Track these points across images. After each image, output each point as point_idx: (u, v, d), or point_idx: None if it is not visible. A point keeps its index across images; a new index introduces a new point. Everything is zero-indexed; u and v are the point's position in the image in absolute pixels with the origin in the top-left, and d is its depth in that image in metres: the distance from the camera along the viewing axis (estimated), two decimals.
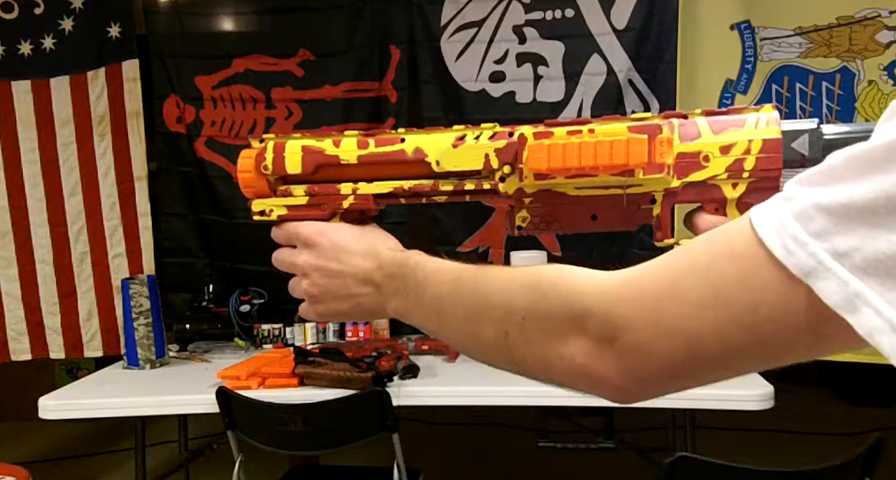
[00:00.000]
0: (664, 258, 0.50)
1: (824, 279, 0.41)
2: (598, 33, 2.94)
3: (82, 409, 2.44)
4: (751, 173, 0.63)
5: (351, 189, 0.73)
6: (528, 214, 0.70)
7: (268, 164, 0.73)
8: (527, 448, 2.88)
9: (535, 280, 0.57)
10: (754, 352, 0.47)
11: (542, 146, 0.63)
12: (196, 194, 3.27)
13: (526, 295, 0.56)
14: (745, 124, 0.63)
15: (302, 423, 2.18)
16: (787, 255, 0.42)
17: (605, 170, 0.62)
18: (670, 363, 0.48)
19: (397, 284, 0.67)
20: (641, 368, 0.50)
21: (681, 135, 0.64)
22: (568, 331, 0.53)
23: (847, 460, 1.75)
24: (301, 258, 0.72)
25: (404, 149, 0.71)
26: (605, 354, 0.50)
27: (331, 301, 0.71)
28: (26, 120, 3.15)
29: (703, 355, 0.48)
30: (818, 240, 0.41)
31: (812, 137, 0.63)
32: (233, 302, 3.00)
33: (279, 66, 3.16)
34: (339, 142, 0.73)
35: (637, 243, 2.98)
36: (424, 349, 2.71)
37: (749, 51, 2.76)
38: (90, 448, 4.00)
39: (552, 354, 0.54)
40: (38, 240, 3.18)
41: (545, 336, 0.54)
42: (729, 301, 0.45)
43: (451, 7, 3.05)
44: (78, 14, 3.16)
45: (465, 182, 0.71)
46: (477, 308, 0.60)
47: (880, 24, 2.62)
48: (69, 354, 3.25)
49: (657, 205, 0.67)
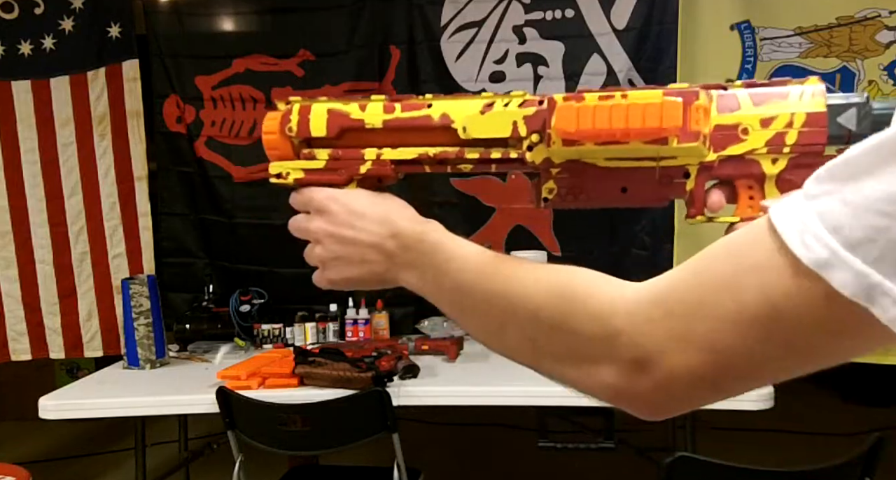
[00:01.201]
0: (689, 270, 0.50)
1: (839, 270, 0.41)
2: (598, 33, 2.94)
3: (82, 409, 2.44)
4: (792, 148, 0.60)
5: (375, 154, 0.71)
6: (555, 185, 0.67)
7: (293, 126, 0.72)
8: (527, 448, 2.88)
9: (564, 289, 0.56)
10: (784, 362, 0.47)
11: (572, 107, 0.60)
12: (196, 194, 3.27)
13: (555, 307, 0.55)
14: (789, 96, 0.60)
15: (302, 423, 2.18)
16: (804, 251, 0.42)
17: (637, 136, 0.59)
18: (702, 379, 0.49)
19: (412, 258, 0.66)
20: (674, 387, 0.49)
21: (719, 107, 0.61)
22: (599, 353, 0.52)
23: (847, 460, 1.75)
24: (314, 224, 0.70)
25: (430, 115, 0.69)
26: (636, 376, 0.50)
27: (343, 267, 0.69)
28: (26, 120, 3.15)
29: (735, 369, 0.48)
30: (834, 233, 0.41)
31: (861, 112, 0.60)
32: (233, 302, 3.00)
33: (279, 66, 3.16)
34: (364, 106, 0.71)
35: (638, 243, 2.98)
36: (424, 349, 2.71)
37: (749, 51, 2.76)
38: (90, 448, 4.00)
39: (582, 372, 0.54)
40: (38, 240, 3.18)
41: (574, 353, 0.54)
42: (755, 314, 0.45)
43: (451, 7, 3.05)
44: (78, 14, 3.15)
45: (492, 150, 0.68)
46: (501, 309, 0.59)
47: (880, 24, 2.62)
48: (69, 354, 3.25)
49: (691, 180, 0.64)
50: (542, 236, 3.04)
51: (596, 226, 3.00)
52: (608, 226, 3.00)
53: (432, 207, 3.01)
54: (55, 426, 2.63)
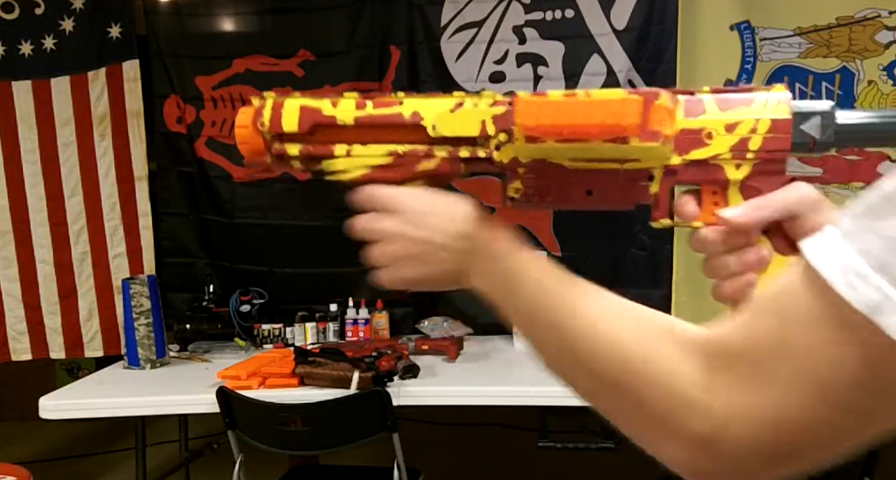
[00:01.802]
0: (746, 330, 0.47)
1: (892, 313, 0.38)
2: (598, 33, 2.94)
3: (82, 409, 2.44)
4: (756, 154, 0.61)
5: (345, 150, 0.71)
6: (521, 185, 0.68)
7: (265, 121, 0.72)
8: (527, 448, 2.87)
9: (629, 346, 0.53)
10: (853, 426, 0.44)
11: (534, 102, 0.61)
12: (196, 194, 3.27)
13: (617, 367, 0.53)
14: (754, 103, 0.61)
15: (302, 423, 2.18)
16: (850, 292, 0.39)
17: (597, 134, 0.59)
18: (770, 452, 0.46)
19: (483, 264, 0.65)
20: (744, 463, 0.47)
21: (686, 111, 0.62)
22: (666, 424, 0.49)
23: (847, 460, 1.75)
24: (384, 223, 0.68)
25: (401, 113, 0.69)
26: (708, 453, 0.48)
27: (414, 266, 0.67)
28: (27, 120, 3.15)
29: (802, 438, 0.45)
30: (881, 273, 0.38)
31: (825, 120, 0.60)
32: (233, 302, 3.00)
33: (279, 66, 3.16)
34: (336, 103, 0.71)
35: (637, 243, 2.98)
36: (424, 349, 2.71)
37: (749, 51, 2.76)
38: (90, 448, 4.00)
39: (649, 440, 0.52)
40: (38, 239, 3.18)
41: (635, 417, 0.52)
42: (810, 376, 0.42)
43: (451, 7, 3.05)
44: (78, 14, 3.15)
45: (460, 149, 0.69)
46: (563, 351, 0.57)
47: (880, 24, 2.62)
48: (69, 354, 3.25)
49: (655, 183, 0.64)
50: (542, 236, 3.04)
51: (596, 226, 3.00)
52: (608, 226, 3.00)
53: None
54: (55, 426, 2.62)
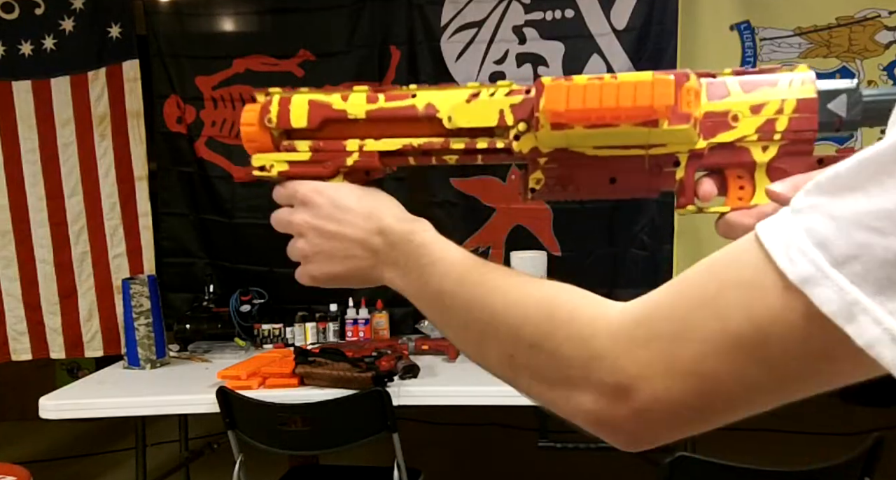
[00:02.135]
0: (674, 288, 0.48)
1: (821, 286, 0.39)
2: (598, 33, 2.94)
3: (82, 409, 2.44)
4: (783, 135, 0.60)
5: (357, 146, 0.69)
6: (542, 176, 0.65)
7: (272, 117, 0.70)
8: (527, 448, 2.88)
9: (548, 308, 0.53)
10: (772, 387, 0.45)
11: (562, 86, 0.58)
12: (196, 194, 3.27)
13: (537, 325, 0.53)
14: (779, 83, 0.60)
15: (302, 423, 2.18)
16: (789, 264, 0.40)
17: (628, 117, 0.57)
18: (686, 407, 0.46)
19: (397, 256, 0.64)
20: (656, 415, 0.47)
21: (709, 94, 0.60)
22: (577, 376, 0.49)
23: (847, 460, 1.75)
24: (297, 216, 0.67)
25: (415, 105, 0.67)
26: (617, 402, 0.48)
27: (325, 262, 0.67)
28: (27, 120, 3.15)
29: (720, 396, 0.45)
30: (819, 249, 0.40)
31: (851, 98, 0.59)
32: (233, 302, 3.00)
33: (279, 66, 3.16)
34: (347, 97, 0.69)
35: (637, 243, 2.98)
36: (424, 349, 2.71)
37: (749, 51, 2.76)
38: (90, 448, 4.00)
39: (559, 395, 0.51)
40: (38, 239, 3.18)
41: (553, 373, 0.51)
42: (739, 335, 0.43)
43: (451, 7, 3.05)
44: (78, 14, 3.16)
45: (478, 140, 0.67)
46: (481, 320, 0.57)
47: (880, 25, 2.62)
48: (69, 354, 3.25)
49: (681, 168, 0.62)
50: (542, 236, 3.04)
51: (596, 226, 3.00)
52: (608, 226, 3.01)
53: (432, 207, 3.01)
54: (55, 426, 2.63)
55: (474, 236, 3.08)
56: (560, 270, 2.84)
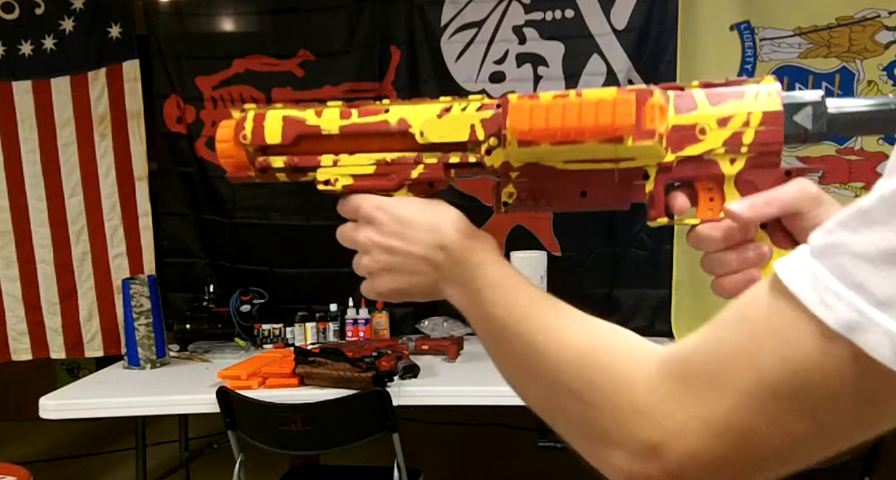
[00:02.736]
0: (708, 338, 0.46)
1: (869, 332, 0.37)
2: (598, 33, 2.94)
3: (82, 409, 2.44)
4: (750, 147, 0.60)
5: (332, 160, 0.70)
6: (514, 190, 0.67)
7: (247, 134, 0.70)
8: (527, 448, 2.87)
9: (589, 355, 0.52)
10: (816, 438, 0.42)
11: (525, 106, 0.59)
12: (196, 194, 3.27)
13: (577, 372, 0.51)
14: (745, 96, 0.60)
15: (302, 423, 2.19)
16: (825, 311, 0.38)
17: (591, 135, 0.57)
18: (725, 464, 0.44)
19: (457, 273, 0.64)
20: (691, 475, 0.45)
21: (676, 107, 0.61)
22: (611, 431, 0.48)
23: (847, 460, 1.75)
24: (362, 234, 0.67)
25: (388, 120, 0.68)
26: (650, 462, 0.46)
27: (391, 278, 0.67)
28: (27, 120, 3.15)
29: (760, 452, 0.43)
30: (857, 292, 0.37)
31: (816, 110, 0.60)
32: (233, 302, 3.00)
33: (279, 66, 3.16)
34: (321, 113, 0.70)
35: (637, 244, 2.98)
36: (424, 349, 2.71)
37: (749, 51, 2.76)
38: (90, 448, 4.00)
39: (593, 448, 0.50)
40: (38, 239, 3.19)
41: (589, 426, 0.50)
42: (776, 386, 0.41)
43: (451, 7, 3.05)
44: (78, 14, 3.16)
45: (450, 154, 0.67)
46: (526, 358, 0.56)
47: (880, 25, 2.62)
48: (69, 354, 3.25)
49: (650, 181, 0.63)
50: (542, 236, 3.04)
51: (596, 226, 3.00)
52: (608, 227, 3.00)
53: None
54: (55, 426, 2.63)
55: None
56: (560, 270, 2.83)
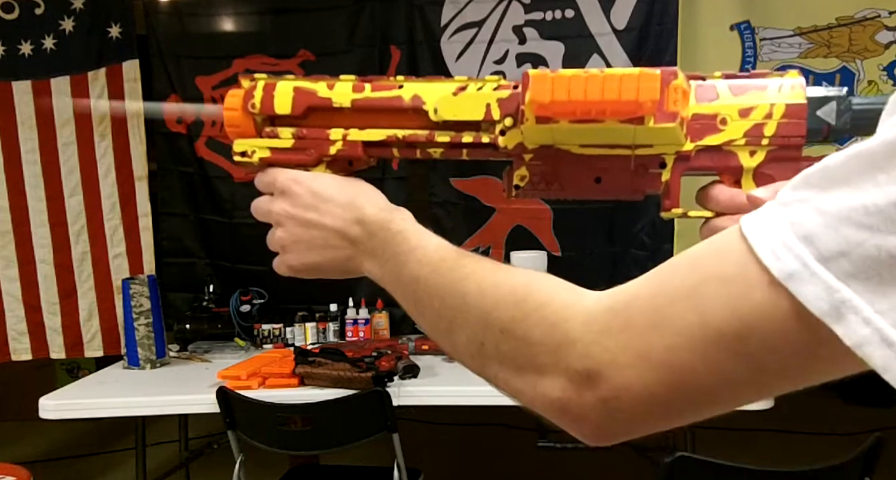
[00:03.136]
0: (653, 279, 0.46)
1: (808, 283, 0.38)
2: (598, 33, 2.94)
3: (82, 409, 2.44)
4: (771, 140, 0.59)
5: (341, 135, 0.68)
6: (527, 172, 0.65)
7: (256, 103, 0.69)
8: (527, 448, 2.88)
9: (522, 293, 0.51)
10: (749, 383, 0.43)
11: (547, 77, 0.57)
12: (196, 194, 3.28)
13: (508, 309, 0.51)
14: (768, 88, 0.59)
15: (302, 423, 2.19)
16: (773, 260, 0.39)
17: (613, 112, 0.56)
18: (658, 400, 0.44)
19: (375, 245, 0.63)
20: (625, 406, 0.45)
21: (697, 96, 0.60)
22: (546, 361, 0.48)
23: (847, 460, 1.75)
24: (276, 205, 0.66)
25: (401, 96, 0.67)
26: (584, 389, 0.46)
27: (304, 252, 0.66)
28: (27, 120, 3.15)
29: (694, 390, 0.44)
30: (805, 244, 0.38)
31: (840, 105, 0.59)
32: (233, 302, 3.00)
33: (279, 66, 3.16)
34: (333, 85, 0.68)
35: (637, 243, 2.98)
36: (424, 349, 2.71)
37: (749, 51, 2.76)
38: (90, 448, 4.00)
39: (527, 381, 0.49)
40: (38, 239, 3.18)
41: (521, 359, 0.50)
42: (719, 329, 0.41)
43: (451, 7, 3.05)
44: (78, 14, 3.15)
45: (463, 134, 0.66)
46: (453, 307, 0.55)
47: (880, 25, 2.62)
48: (69, 354, 3.25)
49: (667, 170, 0.62)
50: (542, 236, 3.04)
51: (596, 226, 3.00)
52: (608, 226, 3.01)
53: (432, 207, 3.01)
54: (55, 426, 2.63)
55: (474, 236, 3.08)
56: (560, 270, 2.82)
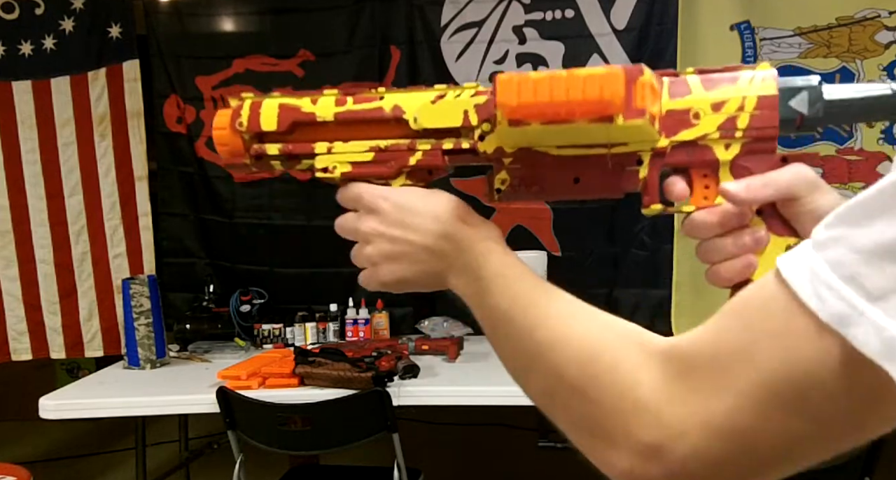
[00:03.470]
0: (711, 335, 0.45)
1: (858, 325, 0.37)
2: (598, 33, 2.94)
3: (82, 409, 2.44)
4: (745, 132, 0.59)
5: (326, 148, 0.70)
6: (507, 176, 0.66)
7: (243, 121, 0.71)
8: (527, 448, 2.88)
9: (591, 349, 0.51)
10: (817, 439, 0.42)
11: (513, 80, 0.57)
12: (196, 194, 3.28)
13: (581, 368, 0.50)
14: (739, 80, 0.60)
15: (302, 423, 2.19)
16: (819, 303, 0.38)
17: (580, 112, 0.56)
18: (726, 465, 0.43)
19: (462, 263, 0.63)
20: (691, 474, 0.44)
21: (670, 92, 0.61)
22: (615, 430, 0.47)
23: (847, 460, 1.75)
24: (364, 224, 0.66)
25: (382, 107, 0.68)
26: (651, 464, 0.45)
27: (395, 267, 0.66)
28: (27, 120, 3.15)
29: (761, 451, 0.43)
30: (850, 285, 0.37)
31: (812, 95, 0.59)
32: (233, 302, 3.00)
33: (279, 66, 3.16)
34: (316, 100, 0.70)
35: (637, 243, 2.98)
36: (424, 349, 2.71)
37: (749, 51, 2.76)
38: (90, 448, 4.00)
39: (594, 446, 0.49)
40: (38, 239, 3.19)
41: (590, 422, 0.49)
42: (776, 386, 0.40)
43: (451, 7, 3.05)
44: (78, 14, 3.16)
45: (444, 141, 0.68)
46: (528, 351, 0.55)
47: (880, 25, 2.62)
48: (69, 354, 3.25)
49: (644, 167, 0.62)
50: (542, 236, 3.04)
51: (596, 226, 3.00)
52: (608, 226, 3.00)
53: None
54: (55, 426, 2.63)
55: None
56: (560, 270, 2.83)
